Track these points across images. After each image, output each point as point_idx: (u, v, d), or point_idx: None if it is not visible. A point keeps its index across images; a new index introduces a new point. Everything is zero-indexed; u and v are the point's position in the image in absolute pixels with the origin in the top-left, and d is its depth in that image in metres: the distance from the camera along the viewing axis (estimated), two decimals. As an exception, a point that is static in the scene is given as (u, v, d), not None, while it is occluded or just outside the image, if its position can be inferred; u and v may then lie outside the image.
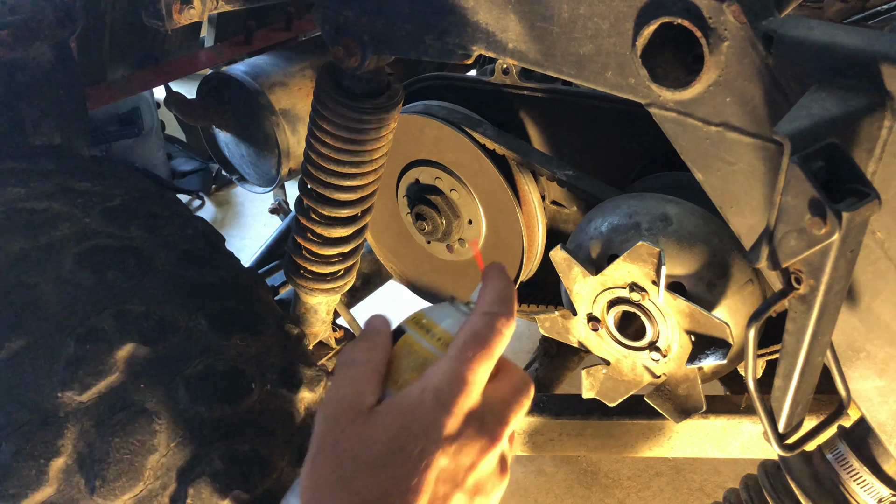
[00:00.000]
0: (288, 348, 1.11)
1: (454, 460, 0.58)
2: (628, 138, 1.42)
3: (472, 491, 0.59)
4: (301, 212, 1.25)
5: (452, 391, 0.58)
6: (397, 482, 0.56)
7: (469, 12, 0.85)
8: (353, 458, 0.58)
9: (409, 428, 0.58)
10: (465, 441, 0.58)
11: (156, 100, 2.93)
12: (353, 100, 1.09)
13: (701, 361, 1.00)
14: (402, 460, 0.57)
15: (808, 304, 0.65)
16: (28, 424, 0.87)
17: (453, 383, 0.59)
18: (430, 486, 0.56)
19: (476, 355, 0.60)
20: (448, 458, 0.57)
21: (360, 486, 0.57)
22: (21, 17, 1.16)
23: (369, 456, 0.57)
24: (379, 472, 0.57)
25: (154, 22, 0.97)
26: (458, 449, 0.58)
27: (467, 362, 0.59)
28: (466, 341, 0.61)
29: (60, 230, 1.04)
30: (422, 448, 0.57)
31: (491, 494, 0.61)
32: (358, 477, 0.57)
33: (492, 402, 0.61)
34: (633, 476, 2.26)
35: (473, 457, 0.59)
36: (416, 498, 0.56)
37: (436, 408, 0.58)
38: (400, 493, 0.56)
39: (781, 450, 0.76)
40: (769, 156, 0.71)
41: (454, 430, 0.58)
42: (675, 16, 0.69)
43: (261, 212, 3.44)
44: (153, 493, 0.89)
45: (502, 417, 0.61)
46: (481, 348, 0.60)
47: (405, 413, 0.59)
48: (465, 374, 0.59)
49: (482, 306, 0.63)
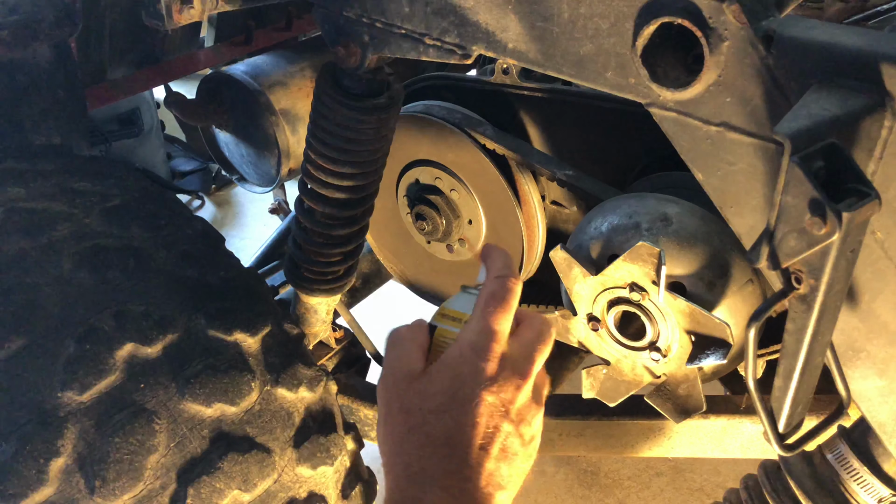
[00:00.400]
0: (288, 348, 1.11)
1: (497, 397, 0.70)
2: (628, 138, 1.42)
3: (517, 420, 0.72)
4: (301, 212, 1.25)
5: (485, 341, 0.72)
6: (457, 421, 0.69)
7: (469, 12, 0.85)
8: (419, 409, 0.71)
9: (457, 378, 0.71)
10: (503, 380, 0.71)
11: (156, 100, 2.93)
12: (354, 100, 1.09)
13: (701, 361, 1.00)
14: (458, 404, 0.70)
15: (809, 304, 0.65)
16: (28, 424, 0.87)
17: (483, 335, 0.72)
18: (483, 420, 0.70)
19: (496, 309, 0.73)
20: (492, 395, 0.70)
21: (430, 430, 0.70)
22: (21, 17, 1.16)
23: (432, 405, 0.70)
24: (442, 416, 0.70)
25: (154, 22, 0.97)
26: (499, 388, 0.71)
27: (490, 316, 0.72)
28: (487, 301, 0.73)
29: (60, 230, 1.04)
30: (471, 391, 0.70)
31: (532, 422, 0.74)
32: (427, 423, 0.70)
33: (519, 348, 0.74)
34: (633, 476, 2.25)
35: (512, 392, 0.71)
36: (474, 431, 0.69)
37: (474, 357, 0.71)
38: (461, 428, 0.69)
39: (781, 450, 0.76)
40: (769, 156, 0.71)
41: (493, 372, 0.71)
42: (675, 16, 0.69)
43: (261, 212, 3.44)
44: (153, 493, 0.89)
45: (529, 358, 0.74)
46: (500, 303, 0.73)
47: (452, 367, 0.72)
48: (491, 325, 0.72)
49: (492, 273, 0.76)
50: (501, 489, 0.71)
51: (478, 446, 0.70)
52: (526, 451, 0.74)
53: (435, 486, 0.68)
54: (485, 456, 0.70)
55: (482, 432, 0.70)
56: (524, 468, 0.74)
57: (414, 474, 0.69)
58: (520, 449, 0.72)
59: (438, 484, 0.68)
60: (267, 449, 0.99)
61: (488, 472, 0.70)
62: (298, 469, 1.03)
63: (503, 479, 0.71)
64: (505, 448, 0.71)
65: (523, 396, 0.73)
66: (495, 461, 0.70)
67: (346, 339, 1.61)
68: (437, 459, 0.69)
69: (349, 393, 1.53)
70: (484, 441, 0.70)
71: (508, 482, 0.71)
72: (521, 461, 0.73)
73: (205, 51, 1.88)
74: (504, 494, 0.71)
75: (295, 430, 1.05)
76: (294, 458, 1.03)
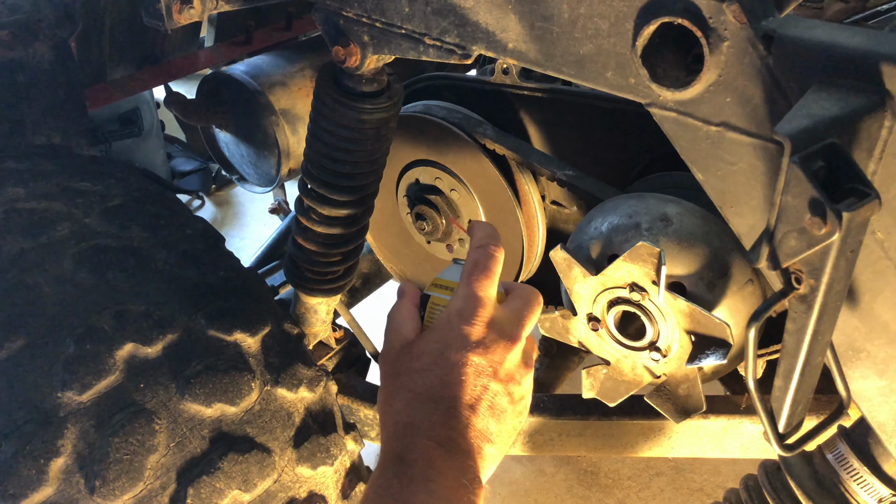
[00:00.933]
0: (288, 348, 1.11)
1: (484, 358, 0.75)
2: (628, 138, 1.42)
3: (505, 380, 0.76)
4: (301, 212, 1.25)
5: (470, 307, 0.77)
6: (442, 379, 0.74)
7: (469, 12, 0.85)
8: (407, 368, 0.76)
9: (445, 341, 0.76)
10: (490, 343, 0.75)
11: (156, 100, 2.93)
12: (353, 99, 1.09)
13: (701, 361, 1.00)
14: (443, 363, 0.74)
15: (809, 304, 0.65)
16: (28, 424, 0.87)
17: (468, 301, 0.77)
18: (469, 379, 0.74)
19: (480, 276, 0.78)
20: (479, 357, 0.74)
21: (415, 386, 0.74)
22: (21, 17, 1.16)
23: (419, 364, 0.75)
24: (427, 374, 0.75)
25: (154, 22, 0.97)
26: (485, 350, 0.75)
27: (474, 283, 0.78)
28: (470, 270, 0.79)
29: (60, 230, 1.04)
30: (457, 352, 0.75)
31: (521, 382, 0.78)
32: (412, 380, 0.75)
33: (507, 313, 0.79)
34: (633, 476, 2.26)
35: (500, 354, 0.76)
36: (460, 388, 0.74)
37: (461, 322, 0.76)
38: (446, 385, 0.74)
39: (781, 450, 0.76)
40: (769, 156, 0.71)
41: (480, 336, 0.75)
42: (675, 16, 0.69)
43: (261, 212, 3.44)
44: (153, 493, 0.89)
45: (518, 322, 0.78)
46: (483, 271, 0.78)
47: (440, 331, 0.77)
48: (475, 292, 0.77)
49: (475, 244, 0.81)
50: (489, 442, 0.74)
51: (465, 403, 0.73)
52: (515, 408, 0.78)
53: (422, 436, 0.71)
54: (472, 412, 0.73)
55: (468, 390, 0.74)
56: (514, 425, 0.78)
57: (402, 428, 0.73)
58: (508, 406, 0.76)
59: (425, 435, 0.71)
60: (267, 449, 0.99)
61: (475, 425, 0.73)
62: (298, 469, 1.03)
63: (491, 434, 0.74)
64: (493, 405, 0.75)
65: (512, 358, 0.77)
66: (483, 417, 0.74)
67: (346, 339, 1.60)
68: (423, 413, 0.73)
69: (349, 393, 1.53)
70: (471, 398, 0.74)
71: (497, 437, 0.75)
72: (511, 418, 0.77)
73: (205, 51, 1.89)
74: (492, 448, 0.74)
75: (295, 430, 1.05)
76: (294, 458, 1.03)
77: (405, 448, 0.71)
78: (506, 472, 2.27)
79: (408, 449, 0.71)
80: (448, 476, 0.70)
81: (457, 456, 0.71)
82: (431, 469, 0.69)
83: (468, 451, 0.72)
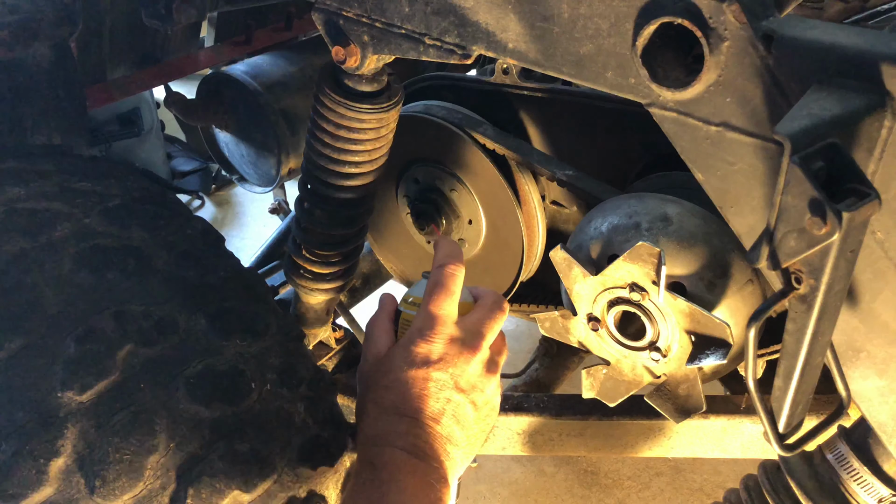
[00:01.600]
0: (288, 348, 1.11)
1: (445, 372, 0.81)
2: (628, 138, 1.42)
3: (467, 390, 0.82)
4: (301, 212, 1.25)
5: (429, 325, 0.83)
6: (404, 395, 0.81)
7: (469, 12, 0.85)
8: (376, 384, 0.84)
9: (407, 358, 0.82)
10: (451, 358, 0.82)
11: (156, 100, 2.93)
12: (353, 99, 1.09)
13: (701, 361, 1.00)
14: (407, 379, 0.81)
15: (809, 304, 0.65)
16: (28, 424, 0.87)
17: (427, 319, 0.84)
18: (431, 394, 0.80)
19: (438, 295, 0.84)
20: (439, 372, 0.81)
21: (381, 400, 0.82)
22: (21, 17, 1.16)
23: (386, 381, 0.82)
24: (392, 391, 0.81)
25: (154, 22, 0.98)
26: (446, 364, 0.81)
27: (432, 303, 0.84)
28: (429, 290, 0.86)
29: (60, 230, 1.04)
30: (418, 369, 0.81)
31: (485, 389, 0.84)
32: (380, 395, 0.82)
33: (469, 325, 0.85)
34: (633, 476, 2.26)
35: (460, 367, 0.82)
36: (422, 403, 0.80)
37: (421, 340, 0.83)
38: (406, 401, 0.80)
39: (781, 450, 0.76)
40: (769, 156, 0.71)
41: (440, 353, 0.82)
42: (676, 16, 0.69)
43: (261, 212, 3.44)
44: (153, 493, 0.89)
45: (478, 333, 0.84)
46: (441, 290, 0.85)
47: (404, 349, 0.83)
48: (433, 311, 0.84)
49: (436, 263, 0.88)
50: (455, 446, 0.81)
51: (428, 416, 0.80)
52: (479, 414, 0.84)
53: (389, 445, 0.78)
54: (435, 422, 0.80)
55: (431, 404, 0.80)
56: (481, 427, 0.85)
57: (372, 438, 0.80)
58: (472, 413, 0.83)
59: (392, 444, 0.78)
60: (267, 449, 0.99)
61: (440, 433, 0.80)
62: (298, 469, 1.03)
63: (456, 440, 0.81)
64: (456, 415, 0.81)
65: (474, 368, 0.83)
66: (447, 426, 0.80)
67: (346, 339, 1.61)
68: (389, 425, 0.80)
69: (349, 393, 1.53)
70: (433, 412, 0.80)
71: (463, 441, 0.82)
72: (476, 423, 0.83)
73: (205, 51, 1.89)
74: (458, 451, 0.81)
75: (295, 430, 1.05)
76: (294, 458, 1.03)
77: (375, 455, 0.78)
78: (506, 472, 2.27)
79: (377, 456, 0.78)
80: (415, 476, 0.76)
81: (423, 460, 0.78)
82: (399, 472, 0.76)
83: (434, 456, 0.78)
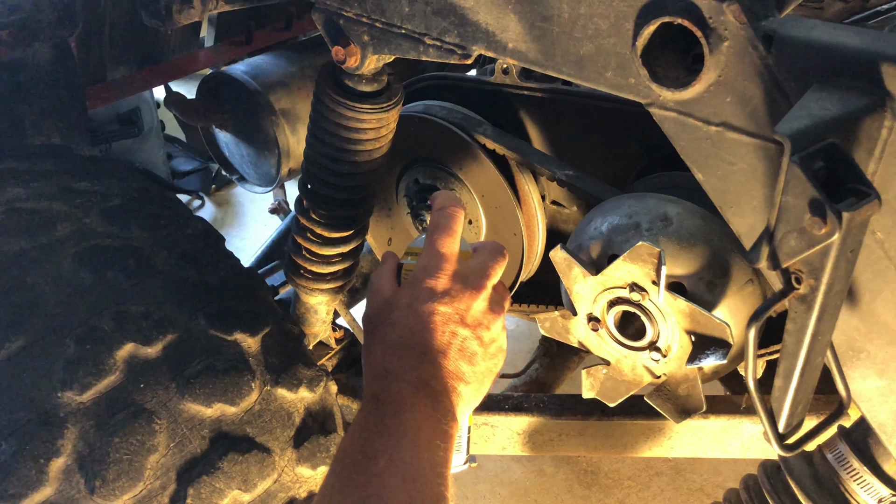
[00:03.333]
0: (288, 348, 1.11)
1: (451, 306, 0.81)
2: (628, 138, 1.42)
3: (473, 325, 0.82)
4: (301, 212, 1.25)
5: (433, 263, 0.84)
6: (412, 328, 0.81)
7: (469, 12, 0.85)
8: (383, 321, 0.84)
9: (413, 294, 0.83)
10: (456, 293, 0.82)
11: (156, 100, 2.93)
12: (353, 99, 1.09)
13: (701, 361, 1.00)
14: (413, 314, 0.81)
15: (809, 304, 0.65)
16: (28, 424, 0.87)
17: (431, 257, 0.85)
18: (438, 327, 0.80)
19: (440, 234, 0.86)
20: (445, 306, 0.81)
21: (388, 336, 0.82)
22: (21, 17, 1.16)
23: (393, 317, 0.83)
24: (399, 325, 0.82)
25: (154, 22, 0.97)
26: (451, 299, 0.82)
27: (436, 241, 0.85)
28: (431, 231, 0.87)
29: (60, 230, 1.04)
30: (424, 303, 0.81)
31: (490, 326, 0.84)
32: (386, 331, 0.82)
33: (473, 265, 0.86)
34: (633, 476, 2.26)
35: (466, 302, 0.82)
36: (430, 336, 0.80)
37: (426, 277, 0.83)
38: (415, 333, 0.80)
39: (781, 450, 0.76)
40: (769, 156, 0.71)
41: (445, 287, 0.83)
42: (676, 16, 0.69)
43: (261, 212, 3.44)
44: (153, 493, 0.89)
45: (483, 273, 0.85)
46: (443, 230, 0.86)
47: (410, 287, 0.84)
48: (437, 248, 0.85)
49: (435, 208, 0.89)
50: (463, 382, 0.81)
51: (435, 349, 0.80)
52: (486, 351, 0.84)
53: (396, 379, 0.78)
54: (442, 356, 0.80)
55: (438, 337, 0.80)
56: (488, 366, 0.84)
57: (379, 373, 0.80)
58: (479, 349, 0.82)
59: (400, 378, 0.78)
60: (267, 449, 0.99)
61: (447, 367, 0.80)
62: (298, 469, 1.03)
63: (464, 375, 0.81)
64: (463, 349, 0.81)
65: (479, 305, 0.83)
66: (454, 360, 0.80)
67: (346, 339, 1.60)
68: (396, 359, 0.80)
69: (349, 393, 1.53)
70: (440, 344, 0.80)
71: (472, 377, 0.82)
72: (483, 360, 0.83)
73: (205, 51, 1.88)
74: (467, 387, 0.81)
75: (295, 430, 1.05)
76: (294, 458, 1.03)
77: (381, 389, 0.78)
78: (506, 472, 2.27)
79: (383, 390, 0.78)
80: (419, 409, 0.76)
81: (429, 394, 0.78)
82: (404, 404, 0.76)
83: (441, 391, 0.79)
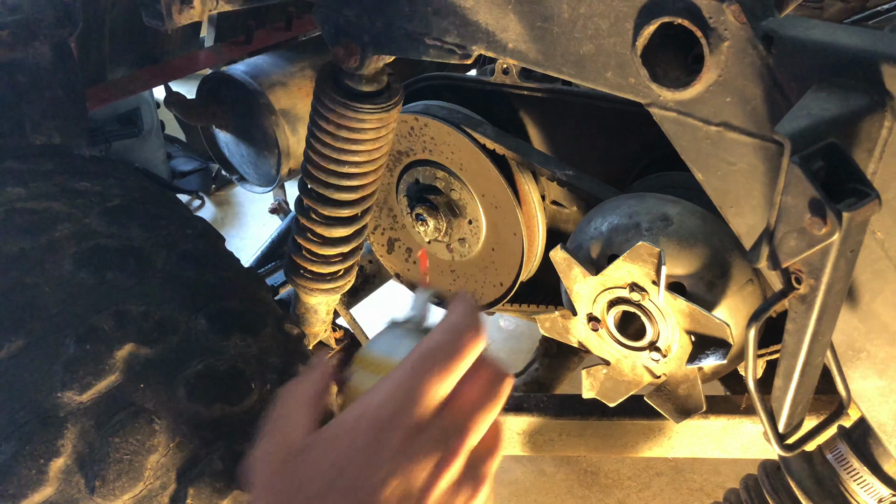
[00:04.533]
0: (288, 348, 1.11)
1: (405, 481, 0.51)
2: (628, 138, 1.42)
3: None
4: (301, 212, 1.25)
5: (401, 406, 0.52)
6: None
7: (469, 12, 0.85)
8: (297, 491, 0.53)
9: (350, 454, 0.52)
10: (417, 459, 0.52)
11: (156, 100, 2.93)
12: (353, 100, 1.09)
13: (701, 361, 1.00)
14: (344, 490, 0.51)
15: (809, 304, 0.65)
16: (28, 424, 0.87)
17: (403, 396, 0.53)
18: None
19: (434, 367, 0.53)
20: (397, 479, 0.51)
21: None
22: (21, 17, 1.16)
23: (311, 490, 0.52)
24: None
25: (154, 22, 0.97)
26: (405, 470, 0.51)
27: (422, 374, 0.53)
28: (425, 353, 0.54)
29: (60, 230, 1.04)
30: (367, 475, 0.51)
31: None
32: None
33: (455, 410, 0.54)
34: (633, 476, 2.26)
35: (427, 476, 0.52)
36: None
37: (379, 426, 0.52)
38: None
39: (781, 450, 0.76)
40: (769, 156, 0.71)
41: (399, 448, 0.52)
42: (676, 16, 0.69)
43: (261, 212, 3.44)
44: (153, 493, 0.89)
45: (462, 427, 0.54)
46: (442, 361, 0.53)
47: (345, 436, 0.53)
48: (419, 387, 0.52)
49: (450, 317, 0.56)
50: None
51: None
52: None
53: None
54: None
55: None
56: None
57: None
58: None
59: None
60: (267, 449, 0.99)
61: None
62: (298, 469, 1.03)
63: None
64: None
65: (447, 479, 0.53)
66: None
67: (346, 339, 1.61)
68: None
69: (349, 393, 1.53)
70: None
71: None
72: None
73: (205, 51, 1.89)
74: None
75: (295, 430, 1.05)
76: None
77: None
78: (506, 472, 2.27)
79: None
80: None
81: None
82: None
83: None
